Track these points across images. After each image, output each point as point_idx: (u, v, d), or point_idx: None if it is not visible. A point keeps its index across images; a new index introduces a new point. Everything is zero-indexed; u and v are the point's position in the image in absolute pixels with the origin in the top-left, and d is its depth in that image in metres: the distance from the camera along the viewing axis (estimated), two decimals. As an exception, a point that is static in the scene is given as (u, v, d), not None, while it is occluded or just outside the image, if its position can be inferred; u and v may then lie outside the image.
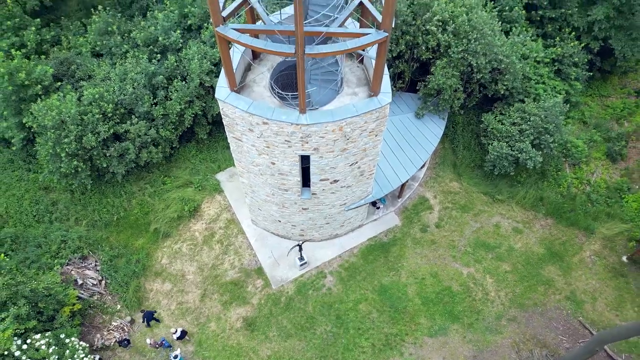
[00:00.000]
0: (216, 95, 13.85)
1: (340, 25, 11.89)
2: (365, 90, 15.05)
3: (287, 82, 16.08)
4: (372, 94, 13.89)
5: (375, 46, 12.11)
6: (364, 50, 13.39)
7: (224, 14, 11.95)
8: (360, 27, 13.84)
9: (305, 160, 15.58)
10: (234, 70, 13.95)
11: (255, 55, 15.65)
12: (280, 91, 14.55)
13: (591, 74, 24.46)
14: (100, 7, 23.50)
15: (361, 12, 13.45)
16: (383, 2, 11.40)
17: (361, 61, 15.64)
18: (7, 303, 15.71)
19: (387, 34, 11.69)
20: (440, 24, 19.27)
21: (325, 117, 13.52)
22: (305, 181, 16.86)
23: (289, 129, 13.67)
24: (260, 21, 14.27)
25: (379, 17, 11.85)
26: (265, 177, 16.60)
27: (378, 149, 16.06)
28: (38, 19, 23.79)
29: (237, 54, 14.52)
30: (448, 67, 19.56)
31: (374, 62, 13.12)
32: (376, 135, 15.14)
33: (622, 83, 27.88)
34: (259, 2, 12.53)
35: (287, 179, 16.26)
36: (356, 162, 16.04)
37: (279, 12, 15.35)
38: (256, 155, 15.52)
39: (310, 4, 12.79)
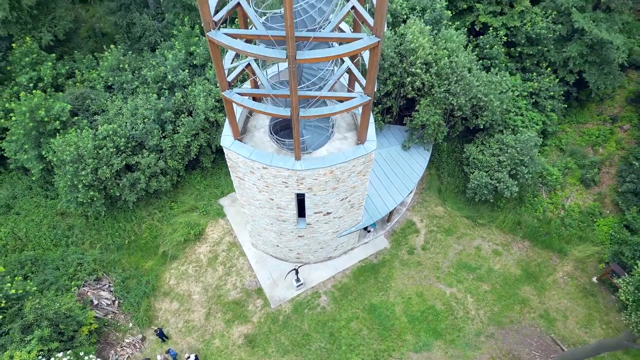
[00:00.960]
0: (221, 143, 15.70)
1: (331, 89, 13.74)
2: (354, 134, 16.91)
3: (284, 125, 17.92)
4: (359, 142, 15.75)
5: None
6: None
7: (229, 78, 13.81)
8: (348, 90, 15.71)
9: (300, 196, 17.40)
10: (237, 120, 15.80)
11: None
12: (278, 137, 16.43)
13: (565, 105, 26.40)
14: (112, 46, 25.27)
15: (349, 78, 15.32)
16: (367, 64, 13.27)
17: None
18: (32, 325, 17.49)
19: (369, 98, 13.57)
20: (424, 66, 21.15)
21: (318, 163, 15.37)
22: (301, 213, 18.67)
23: (285, 173, 15.51)
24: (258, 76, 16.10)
25: (364, 82, 13.73)
26: (264, 210, 18.42)
27: (366, 185, 17.90)
28: (53, 54, 25.66)
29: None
30: (431, 105, 21.44)
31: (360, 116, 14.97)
32: (364, 175, 16.99)
33: (599, 110, 29.78)
34: (258, 66, 14.37)
35: (284, 212, 18.09)
36: (346, 197, 17.87)
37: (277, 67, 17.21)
38: (257, 192, 17.36)
39: (305, 67, 14.63)
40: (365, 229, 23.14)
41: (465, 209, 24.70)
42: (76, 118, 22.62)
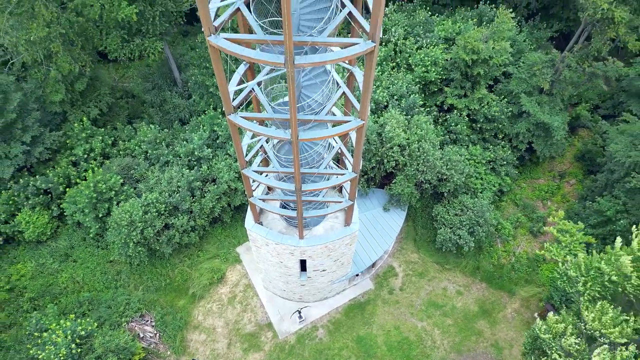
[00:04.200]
0: (245, 225, 21.53)
1: (326, 195, 19.59)
2: (343, 214, 22.72)
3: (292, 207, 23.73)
4: (347, 224, 21.59)
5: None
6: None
7: (253, 188, 19.65)
8: (337, 193, 21.63)
9: (303, 260, 23.15)
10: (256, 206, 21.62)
11: (270, 189, 23.39)
12: (287, 217, 22.27)
13: (517, 171, 32.36)
14: (152, 125, 31.08)
15: (339, 189, 21.22)
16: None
17: (340, 191, 23.33)
18: (101, 356, 23.17)
19: (352, 202, 19.43)
20: (399, 148, 27.05)
21: (316, 241, 21.18)
22: (303, 269, 24.43)
23: (292, 247, 21.32)
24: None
25: (349, 191, 19.58)
26: (275, 267, 24.20)
27: (353, 250, 23.71)
28: (102, 129, 31.57)
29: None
30: (405, 179, 27.32)
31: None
32: (350, 245, 22.81)
33: (550, 167, 35.72)
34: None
35: (290, 269, 23.87)
36: (338, 259, 23.68)
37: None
38: (270, 256, 23.15)
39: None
40: (354, 273, 28.88)
41: (435, 255, 30.48)
42: (125, 187, 28.42)
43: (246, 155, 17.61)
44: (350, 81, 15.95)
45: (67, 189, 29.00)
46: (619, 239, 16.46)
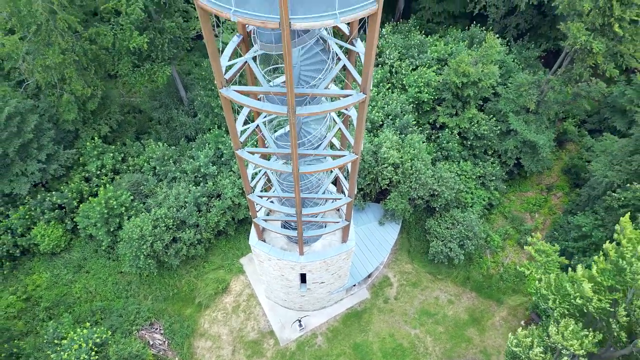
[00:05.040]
0: (249, 242, 23.26)
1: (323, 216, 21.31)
2: (340, 231, 24.44)
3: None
4: (344, 241, 23.33)
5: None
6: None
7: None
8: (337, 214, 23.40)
9: (303, 273, 24.88)
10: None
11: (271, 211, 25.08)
12: (287, 235, 23.99)
13: (505, 186, 34.10)
14: (160, 143, 32.80)
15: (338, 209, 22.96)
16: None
17: (337, 210, 25.05)
18: (121, 364, 24.90)
19: (348, 222, 21.16)
20: (393, 168, 28.79)
21: (315, 257, 22.92)
22: (303, 281, 26.14)
23: (292, 263, 23.05)
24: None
25: (345, 213, 21.32)
26: (277, 280, 25.92)
27: (349, 264, 25.45)
28: (112, 146, 33.29)
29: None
30: (399, 195, 29.06)
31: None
32: (347, 260, 24.54)
33: (538, 180, 37.47)
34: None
35: (291, 282, 25.60)
36: (336, 272, 25.41)
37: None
38: (272, 270, 24.89)
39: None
40: (351, 284, 30.60)
41: (428, 266, 32.21)
42: (135, 203, 30.14)
43: (251, 181, 19.35)
44: (346, 119, 17.69)
45: (80, 204, 30.74)
46: (579, 267, 18.43)
